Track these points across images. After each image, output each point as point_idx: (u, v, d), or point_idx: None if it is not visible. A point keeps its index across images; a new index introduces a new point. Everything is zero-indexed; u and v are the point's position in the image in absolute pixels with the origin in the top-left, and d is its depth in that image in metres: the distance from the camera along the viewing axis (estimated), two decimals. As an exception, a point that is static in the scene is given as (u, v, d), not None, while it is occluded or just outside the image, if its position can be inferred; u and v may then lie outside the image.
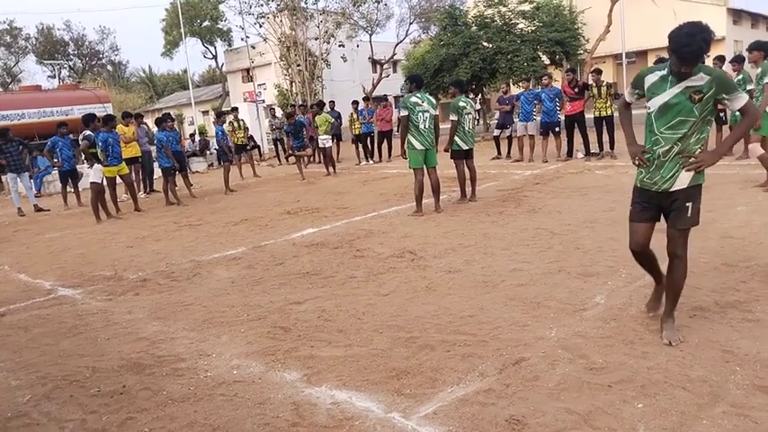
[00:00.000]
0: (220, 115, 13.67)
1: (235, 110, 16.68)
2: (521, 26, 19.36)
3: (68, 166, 12.85)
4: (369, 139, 16.50)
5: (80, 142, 11.10)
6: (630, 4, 21.85)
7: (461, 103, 8.33)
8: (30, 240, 9.30)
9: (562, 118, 12.20)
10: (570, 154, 12.21)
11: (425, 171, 8.02)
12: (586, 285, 4.54)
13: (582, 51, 20.38)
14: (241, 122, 15.08)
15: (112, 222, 10.20)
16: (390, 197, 9.93)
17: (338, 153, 16.82)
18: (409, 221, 7.69)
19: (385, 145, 16.40)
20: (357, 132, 16.20)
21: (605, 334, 3.64)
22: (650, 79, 3.38)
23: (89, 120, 10.88)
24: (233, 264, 6.37)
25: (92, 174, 10.30)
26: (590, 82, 11.97)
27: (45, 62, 46.20)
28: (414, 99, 7.81)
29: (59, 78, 43.36)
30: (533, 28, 18.99)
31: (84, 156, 11.06)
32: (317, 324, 4.25)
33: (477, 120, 19.95)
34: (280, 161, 18.76)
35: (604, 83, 11.88)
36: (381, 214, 8.44)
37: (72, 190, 13.08)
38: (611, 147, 11.92)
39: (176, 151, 11.87)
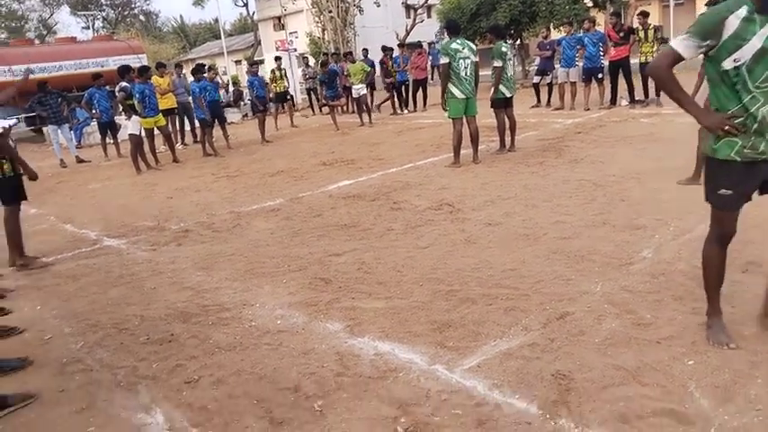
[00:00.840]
0: (253, 64, 13.54)
1: (278, 59, 16.59)
2: (563, -34, 18.46)
3: (107, 118, 13.00)
4: (403, 87, 16.20)
5: (117, 94, 11.20)
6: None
7: (504, 48, 8.09)
8: (73, 191, 9.54)
9: (606, 63, 11.74)
10: (614, 101, 11.80)
11: (464, 120, 7.85)
12: (632, 239, 4.43)
13: (627, -7, 19.41)
14: (283, 71, 15.32)
15: (152, 173, 10.37)
16: (426, 148, 9.81)
17: (372, 102, 16.61)
18: (446, 173, 7.60)
19: (420, 94, 16.11)
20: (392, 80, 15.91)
21: (653, 289, 3.56)
22: (732, 23, 2.52)
23: (125, 71, 10.94)
24: (271, 215, 6.42)
25: (130, 125, 10.42)
26: (636, 25, 11.43)
27: (79, 13, 46.41)
28: (454, 45, 7.58)
29: (93, 29, 43.60)
30: (576, -32, 18.10)
31: (121, 107, 11.16)
32: (356, 276, 4.27)
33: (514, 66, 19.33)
34: (313, 111, 18.65)
35: (651, 26, 11.32)
36: (417, 165, 8.35)
37: (111, 141, 13.28)
38: (657, 94, 11.44)
39: (214, 101, 11.84)
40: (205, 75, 11.59)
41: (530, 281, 3.82)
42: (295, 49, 28.72)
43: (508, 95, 8.27)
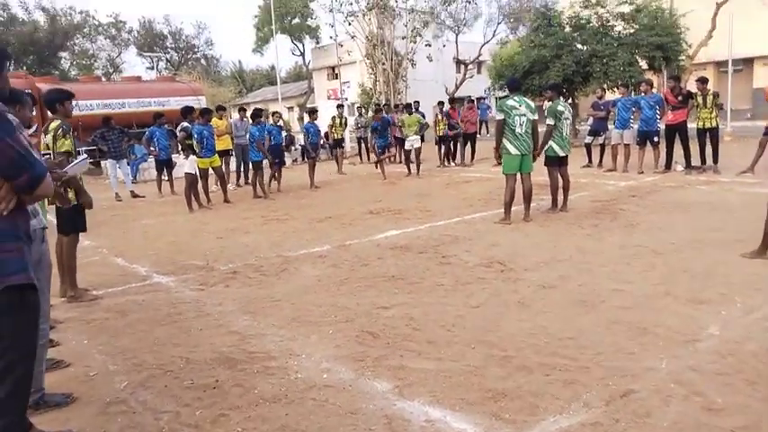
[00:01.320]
0: (313, 112, 13.81)
1: (340, 107, 17.22)
2: (618, 29, 18.49)
3: (164, 156, 13.42)
4: (452, 141, 16.27)
5: (178, 133, 11.55)
6: (738, 6, 20.43)
7: (560, 107, 8.08)
8: (126, 225, 9.75)
9: (662, 127, 11.53)
10: (669, 166, 11.52)
11: (518, 177, 7.76)
12: (697, 313, 4.19)
13: (683, 57, 19.25)
14: (343, 119, 16.18)
15: (203, 212, 10.55)
16: (474, 202, 9.71)
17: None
18: (496, 229, 7.47)
19: (468, 147, 16.13)
20: (441, 134, 15.99)
21: (722, 370, 3.32)
22: None
23: (187, 112, 11.31)
24: (319, 261, 6.38)
25: (187, 164, 10.68)
26: (694, 90, 11.25)
27: (144, 54, 48.80)
28: (510, 102, 7.58)
29: (157, 70, 45.68)
30: (632, 31, 18.09)
31: (180, 146, 11.50)
32: (405, 332, 4.15)
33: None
34: (361, 159, 18.85)
35: (710, 92, 11.14)
36: (466, 220, 8.25)
37: (166, 178, 13.64)
38: (715, 161, 11.14)
39: (277, 144, 12.26)
40: (269, 119, 11.98)
41: (589, 352, 3.62)
42: (346, 99, 29.45)
43: (561, 154, 8.17)
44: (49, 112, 5.34)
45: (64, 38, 45.07)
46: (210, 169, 11.13)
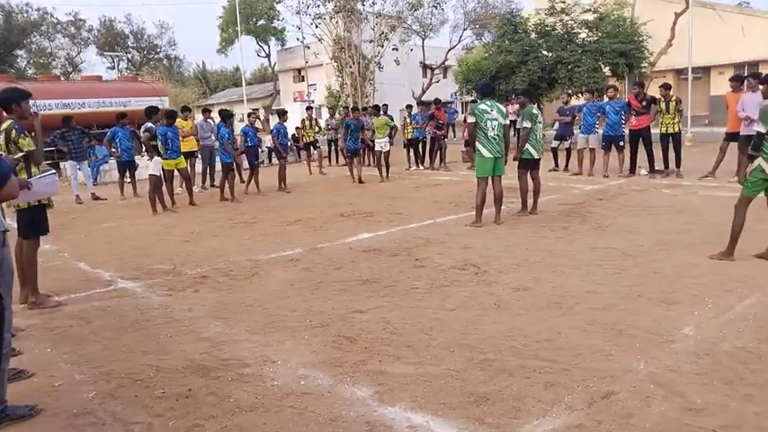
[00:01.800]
0: (282, 114, 13.63)
1: (309, 109, 17.16)
2: (582, 36, 18.87)
3: (127, 157, 13.00)
4: (420, 144, 16.29)
5: (142, 134, 11.26)
6: (696, 17, 21.06)
7: (534, 111, 8.23)
8: (88, 229, 9.44)
9: (626, 132, 11.76)
10: (633, 170, 11.74)
11: (489, 181, 7.79)
12: (670, 314, 4.25)
13: (645, 65, 19.74)
14: (314, 121, 16.32)
15: (168, 215, 10.29)
16: (445, 205, 9.72)
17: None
18: (468, 232, 7.47)
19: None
20: (409, 137, 16.00)
21: (700, 370, 3.36)
22: None
23: (152, 112, 11.03)
24: (290, 265, 6.27)
25: (151, 166, 10.42)
26: (658, 96, 11.50)
27: (105, 54, 47.65)
28: (482, 106, 7.65)
29: (118, 70, 44.66)
30: (596, 38, 18.48)
31: (144, 147, 11.21)
32: (383, 336, 4.08)
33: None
34: (330, 162, 18.70)
35: (673, 98, 11.40)
36: (437, 222, 8.24)
37: (129, 180, 13.26)
38: (678, 165, 11.41)
39: (254, 146, 12.16)
40: (241, 120, 11.83)
41: (568, 354, 3.62)
42: (312, 101, 29.28)
43: (536, 157, 8.31)
44: (4, 112, 5.10)
45: (20, 35, 43.76)
46: (176, 171, 10.88)
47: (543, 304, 4.57)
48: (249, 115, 12.69)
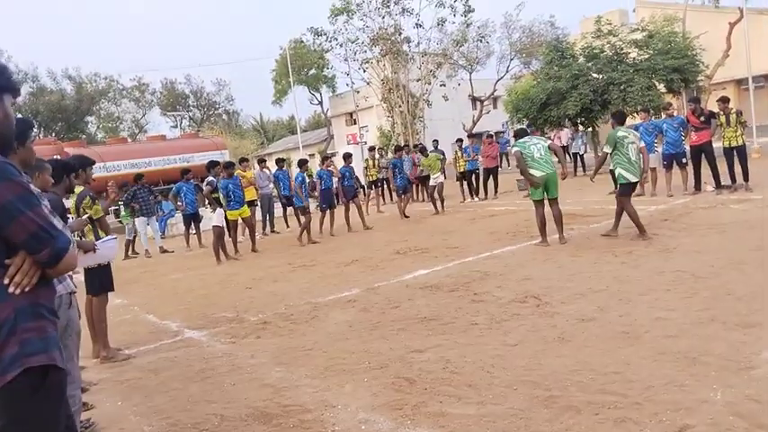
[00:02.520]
0: (348, 157, 13.88)
1: (372, 149, 17.86)
2: (633, 55, 18.49)
3: (191, 210, 13.57)
4: (473, 176, 16.22)
5: (204, 187, 11.70)
6: (751, 24, 20.30)
7: (620, 133, 8.00)
8: (156, 281, 9.80)
9: (688, 148, 11.33)
10: (698, 187, 11.26)
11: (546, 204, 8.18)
12: (748, 338, 3.98)
13: (702, 78, 19.11)
14: (376, 161, 16.97)
15: (231, 263, 10.56)
16: (502, 236, 9.56)
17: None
18: (527, 263, 7.31)
19: (491, 182, 16.06)
20: (462, 170, 15.98)
21: (785, 399, 3.11)
22: None
23: (212, 166, 11.46)
24: (348, 306, 6.29)
25: (214, 217, 10.76)
26: (716, 110, 11.08)
27: (168, 113, 50.26)
28: (520, 141, 8.41)
29: (180, 128, 46.93)
30: (646, 56, 18.06)
31: (207, 200, 11.62)
32: (442, 376, 4.00)
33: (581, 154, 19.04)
34: (384, 200, 18.83)
35: (733, 110, 10.96)
36: (495, 254, 8.11)
37: (194, 232, 13.76)
38: (745, 179, 10.87)
39: (328, 188, 12.46)
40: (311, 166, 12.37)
41: (638, 386, 3.43)
42: (365, 142, 29.73)
43: (633, 180, 7.98)
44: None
45: (90, 103, 46.72)
46: (240, 220, 11.24)
47: (610, 335, 4.38)
48: (324, 160, 13.16)
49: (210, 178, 11.28)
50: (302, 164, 12.52)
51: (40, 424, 1.91)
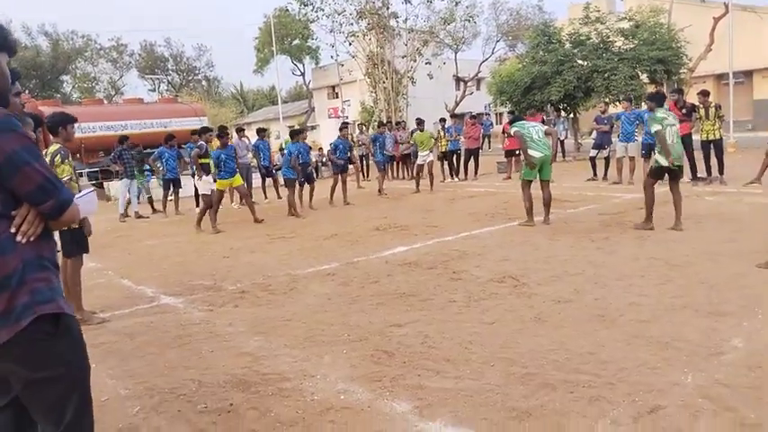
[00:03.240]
0: (295, 134, 13.66)
1: (345, 125, 17.30)
2: (618, 44, 18.60)
3: (172, 175, 13.32)
4: (455, 156, 16.24)
5: (192, 152, 11.57)
6: (736, 21, 20.51)
7: (660, 114, 7.36)
8: (131, 246, 9.67)
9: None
10: (674, 178, 11.45)
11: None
12: (719, 326, 4.10)
13: (684, 71, 19.32)
14: (350, 137, 16.11)
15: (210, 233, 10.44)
16: (481, 217, 9.64)
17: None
18: (505, 244, 7.39)
19: (471, 163, 16.12)
20: (443, 150, 15.99)
21: (752, 384, 3.22)
22: None
23: (203, 131, 11.38)
24: (328, 279, 6.30)
25: (201, 185, 10.59)
26: (697, 103, 11.24)
27: (146, 76, 49.12)
28: (524, 125, 8.61)
29: (159, 92, 45.97)
30: (632, 46, 18.19)
31: (195, 165, 11.38)
32: (421, 350, 4.05)
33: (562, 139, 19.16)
34: (365, 176, 18.81)
35: (712, 104, 11.13)
36: (473, 234, 8.17)
37: (171, 198, 13.52)
38: (720, 172, 11.10)
39: (306, 162, 12.13)
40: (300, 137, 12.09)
41: (612, 367, 3.52)
42: (347, 117, 29.54)
43: (664, 164, 7.34)
44: (50, 136, 5.32)
45: (66, 62, 45.43)
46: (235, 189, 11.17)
47: (585, 317, 4.47)
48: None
49: (201, 142, 11.09)
50: (295, 134, 12.07)
51: (71, 367, 1.98)
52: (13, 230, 1.89)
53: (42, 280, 1.93)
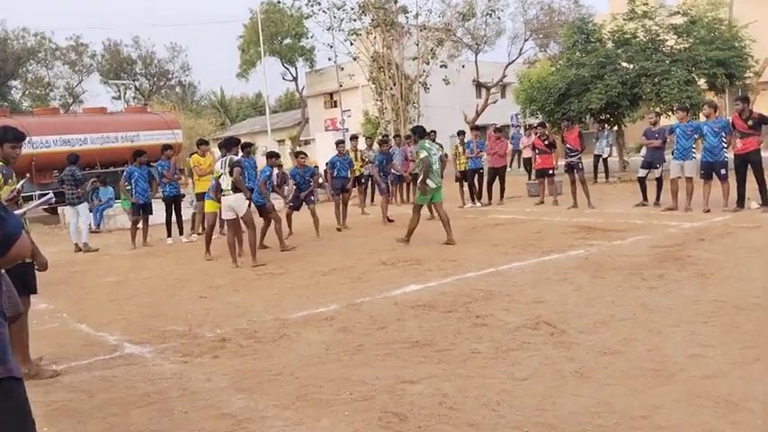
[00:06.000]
0: (340, 143, 14.24)
1: (354, 138, 17.63)
2: (670, 43, 18.79)
3: (142, 199, 13.17)
4: (476, 176, 16.23)
5: (234, 169, 11.52)
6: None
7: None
8: (90, 284, 9.74)
9: (730, 157, 11.53)
10: (741, 203, 11.47)
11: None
12: (799, 383, 4.07)
13: (750, 75, 19.47)
14: (359, 153, 16.83)
15: (185, 267, 10.50)
16: (508, 249, 9.67)
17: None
18: (538, 283, 7.38)
19: (496, 184, 16.16)
20: (462, 169, 15.97)
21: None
22: None
23: (232, 144, 10.75)
24: (325, 325, 6.31)
25: (241, 205, 10.12)
26: (766, 114, 11.31)
27: (110, 82, 49.89)
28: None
29: (125, 100, 46.58)
30: (687, 45, 18.37)
31: (238, 185, 11.23)
32: (439, 413, 4.03)
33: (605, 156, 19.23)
34: (372, 201, 18.77)
35: (786, 114, 11.19)
36: (500, 271, 8.19)
37: (141, 226, 13.43)
38: (797, 196, 11.10)
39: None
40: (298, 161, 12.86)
41: (671, 434, 3.50)
42: (347, 129, 29.78)
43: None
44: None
45: (15, 64, 46.20)
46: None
47: (636, 372, 4.46)
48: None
49: (237, 158, 10.44)
50: (271, 156, 12.51)
51: None
52: None
53: None
